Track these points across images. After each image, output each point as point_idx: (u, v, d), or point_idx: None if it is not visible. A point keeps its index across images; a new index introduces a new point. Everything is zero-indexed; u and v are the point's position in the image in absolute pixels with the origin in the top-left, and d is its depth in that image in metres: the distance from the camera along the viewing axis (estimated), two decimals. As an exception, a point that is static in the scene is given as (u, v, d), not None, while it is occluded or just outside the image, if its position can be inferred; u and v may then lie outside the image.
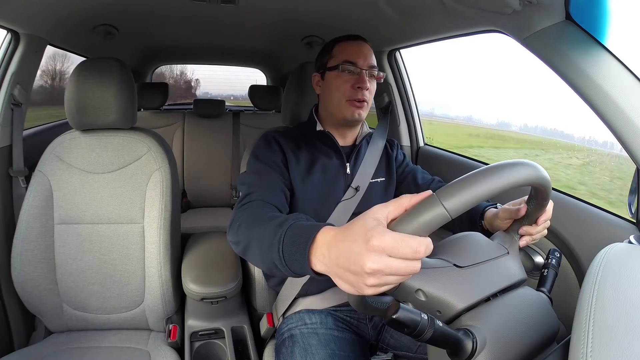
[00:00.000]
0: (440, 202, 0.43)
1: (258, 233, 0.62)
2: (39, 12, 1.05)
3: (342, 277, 0.44)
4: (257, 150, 0.89)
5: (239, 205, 0.75)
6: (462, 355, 0.47)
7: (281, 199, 0.81)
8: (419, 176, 1.02)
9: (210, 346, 1.14)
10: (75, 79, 1.02)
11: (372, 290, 0.42)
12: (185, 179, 2.15)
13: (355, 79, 0.88)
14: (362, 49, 0.90)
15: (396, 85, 1.52)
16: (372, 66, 0.90)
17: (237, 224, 0.69)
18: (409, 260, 0.41)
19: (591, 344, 0.36)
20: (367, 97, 0.89)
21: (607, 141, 1.54)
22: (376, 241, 0.41)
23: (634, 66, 0.68)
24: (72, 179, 1.05)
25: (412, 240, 0.41)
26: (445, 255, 0.55)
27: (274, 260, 0.56)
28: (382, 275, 0.41)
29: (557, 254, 0.65)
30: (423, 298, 0.50)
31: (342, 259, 0.44)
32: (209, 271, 1.14)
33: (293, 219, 0.57)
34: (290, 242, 0.53)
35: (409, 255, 0.41)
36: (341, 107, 0.90)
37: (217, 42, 1.85)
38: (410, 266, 0.41)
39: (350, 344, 0.86)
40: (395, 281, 0.43)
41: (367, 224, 0.43)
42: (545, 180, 0.54)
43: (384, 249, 0.41)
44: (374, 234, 0.41)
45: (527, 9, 0.74)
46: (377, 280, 0.42)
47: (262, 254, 0.60)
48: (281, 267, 0.55)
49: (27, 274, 1.01)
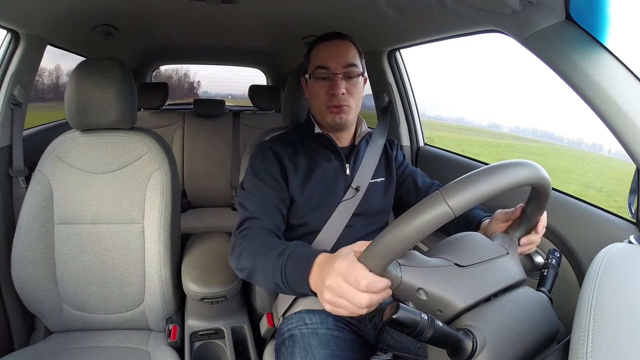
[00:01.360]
0: (445, 200, 0.43)
1: (261, 262, 0.69)
2: (39, 12, 1.05)
3: (318, 291, 0.55)
4: (253, 163, 0.90)
5: (237, 232, 0.80)
6: (462, 355, 0.47)
7: (278, 218, 0.85)
8: (419, 179, 1.03)
9: (210, 346, 1.14)
10: (75, 79, 1.02)
11: (328, 306, 0.51)
12: (185, 179, 2.15)
13: (329, 84, 0.87)
14: (336, 50, 0.88)
15: (396, 85, 1.52)
16: (349, 64, 0.87)
17: (238, 252, 0.75)
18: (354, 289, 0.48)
19: (591, 344, 0.36)
20: (344, 101, 0.87)
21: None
22: (337, 264, 0.50)
23: (634, 66, 0.68)
24: (72, 179, 1.05)
25: (359, 272, 0.47)
26: (447, 254, 0.55)
27: (278, 284, 0.65)
28: (335, 295, 0.50)
29: (557, 254, 0.65)
30: (424, 297, 0.50)
31: (320, 277, 0.54)
32: (209, 271, 1.14)
33: (291, 247, 0.66)
34: (291, 269, 0.62)
35: (352, 283, 0.48)
36: (322, 114, 0.90)
37: (217, 42, 1.85)
38: (355, 296, 0.48)
39: (350, 344, 0.86)
40: (346, 307, 0.49)
41: (343, 251, 0.53)
42: (546, 180, 0.54)
43: (340, 272, 0.49)
44: (337, 259, 0.51)
45: (527, 9, 0.74)
46: (331, 297, 0.50)
47: (266, 280, 0.68)
48: (285, 289, 0.65)
49: (27, 274, 1.01)
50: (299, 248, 0.66)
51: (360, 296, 0.47)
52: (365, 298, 0.47)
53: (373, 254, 0.47)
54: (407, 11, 1.06)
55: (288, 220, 0.90)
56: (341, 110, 0.87)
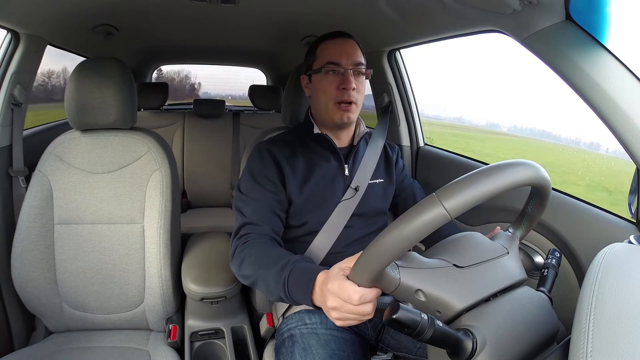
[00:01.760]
0: (440, 202, 0.43)
1: (262, 275, 0.73)
2: (39, 12, 1.05)
3: (323, 308, 0.60)
4: (251, 165, 0.90)
5: (237, 238, 0.82)
6: (462, 356, 0.47)
7: (276, 223, 0.86)
8: (417, 194, 1.05)
9: (210, 346, 1.14)
10: (75, 79, 1.02)
11: (339, 322, 0.56)
12: (185, 179, 2.15)
13: (340, 79, 0.87)
14: (346, 47, 0.88)
15: (396, 85, 1.52)
16: (357, 63, 0.88)
17: (239, 259, 0.78)
18: (351, 305, 0.53)
19: (591, 344, 0.36)
20: (353, 97, 0.88)
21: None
22: (329, 285, 0.55)
23: (634, 66, 0.68)
24: (72, 179, 1.05)
25: (349, 289, 0.52)
26: (445, 255, 0.55)
27: (281, 296, 0.69)
28: (339, 312, 0.55)
29: (557, 254, 0.65)
30: (423, 298, 0.50)
31: (322, 296, 0.59)
32: (209, 271, 1.14)
33: (292, 263, 0.69)
34: (293, 284, 0.66)
35: (347, 300, 0.52)
36: (329, 111, 0.89)
37: (217, 42, 1.85)
38: (355, 309, 0.53)
39: (350, 344, 0.86)
40: (355, 318, 0.55)
41: (332, 272, 0.57)
42: (545, 180, 0.54)
43: (335, 293, 0.54)
44: (329, 280, 0.56)
45: (527, 9, 0.74)
46: (339, 315, 0.55)
47: (269, 291, 0.73)
48: (287, 301, 0.69)
49: (27, 274, 1.01)
50: (300, 263, 0.69)
51: (359, 309, 0.53)
52: (364, 308, 0.53)
53: (358, 271, 0.51)
54: (407, 11, 1.06)
55: (287, 221, 0.90)
56: (350, 108, 0.88)
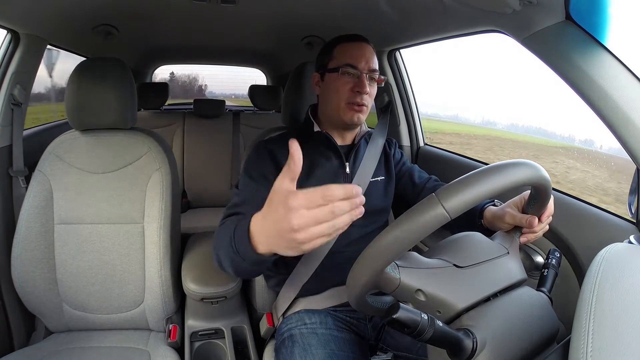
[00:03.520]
0: (440, 202, 0.43)
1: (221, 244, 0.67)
2: (39, 12, 1.05)
3: (280, 245, 0.50)
4: (248, 163, 0.90)
5: (219, 224, 0.79)
6: (462, 355, 0.47)
7: None
8: (415, 175, 1.03)
9: (210, 346, 1.14)
10: (76, 79, 1.02)
11: (309, 245, 0.47)
12: (185, 179, 2.15)
13: (355, 82, 0.87)
14: (364, 52, 0.89)
15: (396, 85, 1.52)
16: (373, 70, 0.89)
17: (214, 242, 0.74)
18: (324, 205, 0.45)
19: (591, 344, 0.36)
20: (366, 101, 0.89)
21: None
22: (292, 201, 0.46)
23: (634, 66, 0.68)
24: (72, 179, 1.05)
25: (319, 189, 0.45)
26: (445, 255, 0.55)
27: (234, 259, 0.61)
28: (310, 228, 0.45)
29: (557, 254, 0.65)
30: (423, 298, 0.50)
31: (272, 231, 0.50)
32: (209, 271, 1.14)
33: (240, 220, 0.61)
34: (238, 242, 0.59)
35: (320, 201, 0.45)
36: (340, 110, 0.89)
37: (217, 42, 1.85)
38: (331, 210, 0.45)
39: (350, 344, 0.86)
40: (328, 231, 0.46)
41: (281, 192, 0.48)
42: (546, 180, 0.54)
43: (300, 205, 0.45)
44: (289, 196, 0.46)
45: (527, 9, 0.74)
46: (307, 234, 0.46)
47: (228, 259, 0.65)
48: (241, 263, 0.61)
49: (27, 274, 1.01)
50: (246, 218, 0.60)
51: (336, 207, 0.45)
52: (343, 203, 0.45)
53: (358, 272, 0.49)
54: (407, 11, 1.06)
55: None
56: (361, 109, 0.89)
